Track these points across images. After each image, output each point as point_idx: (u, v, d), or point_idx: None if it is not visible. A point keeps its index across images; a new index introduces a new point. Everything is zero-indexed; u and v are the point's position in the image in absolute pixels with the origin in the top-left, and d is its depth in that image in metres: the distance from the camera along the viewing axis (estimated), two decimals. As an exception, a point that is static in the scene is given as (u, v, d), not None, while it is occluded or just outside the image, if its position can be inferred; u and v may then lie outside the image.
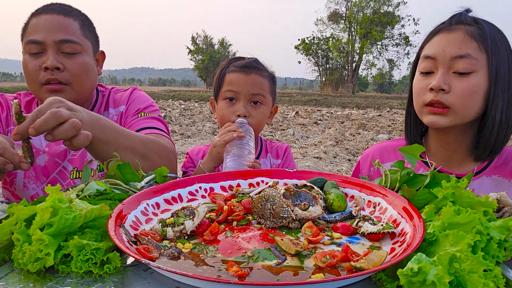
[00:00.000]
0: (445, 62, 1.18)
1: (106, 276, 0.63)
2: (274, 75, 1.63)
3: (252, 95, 1.50)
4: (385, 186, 0.91)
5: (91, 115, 1.08)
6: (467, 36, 1.17)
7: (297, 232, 0.78)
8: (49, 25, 1.38)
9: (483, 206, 0.73)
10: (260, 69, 1.54)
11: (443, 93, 1.18)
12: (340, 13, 40.86)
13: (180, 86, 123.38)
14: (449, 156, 1.30)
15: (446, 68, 1.19)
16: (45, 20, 1.39)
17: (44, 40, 1.37)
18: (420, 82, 1.24)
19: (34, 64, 1.38)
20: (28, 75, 1.40)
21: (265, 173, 1.05)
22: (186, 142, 8.15)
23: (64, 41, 1.38)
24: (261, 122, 1.55)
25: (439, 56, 1.19)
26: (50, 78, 1.38)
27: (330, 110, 16.22)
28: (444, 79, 1.18)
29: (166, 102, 17.45)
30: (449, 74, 1.18)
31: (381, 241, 0.74)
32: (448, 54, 1.18)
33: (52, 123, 0.91)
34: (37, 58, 1.38)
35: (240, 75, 1.51)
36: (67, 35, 1.39)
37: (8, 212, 0.73)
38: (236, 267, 0.61)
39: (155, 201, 0.88)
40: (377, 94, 47.69)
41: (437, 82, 1.18)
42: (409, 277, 0.54)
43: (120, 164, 1.01)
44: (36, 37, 1.37)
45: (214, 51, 49.49)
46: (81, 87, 1.45)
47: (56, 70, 1.38)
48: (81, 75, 1.43)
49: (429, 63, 1.22)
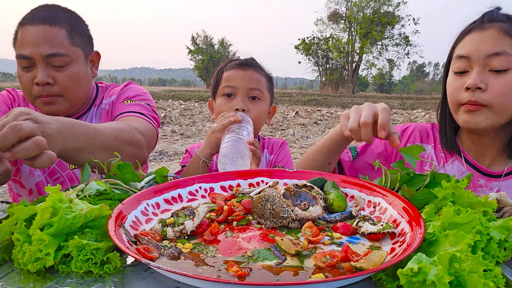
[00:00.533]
0: (480, 61, 1.16)
1: (106, 276, 0.63)
2: (272, 76, 1.65)
3: (250, 89, 1.51)
4: (385, 186, 0.91)
5: (62, 124, 0.98)
6: (501, 33, 1.14)
7: (297, 232, 0.78)
8: (35, 38, 1.37)
9: (483, 206, 0.73)
10: (257, 66, 1.56)
11: (480, 92, 1.15)
12: (340, 13, 40.85)
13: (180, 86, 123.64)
14: (482, 153, 1.29)
15: (481, 66, 1.16)
16: (31, 33, 1.37)
17: (31, 55, 1.37)
18: (455, 82, 1.22)
19: (27, 78, 1.40)
20: (23, 88, 1.43)
21: (265, 173, 1.05)
22: (186, 142, 8.15)
23: (51, 55, 1.37)
24: (260, 118, 1.54)
25: (473, 55, 1.17)
26: (43, 94, 1.40)
27: (330, 110, 16.20)
28: (480, 77, 1.15)
29: (166, 102, 17.44)
30: (484, 72, 1.16)
31: (381, 241, 0.74)
32: (483, 52, 1.15)
33: (12, 138, 0.80)
34: (28, 71, 1.40)
35: (237, 71, 1.53)
36: (54, 49, 1.37)
37: (8, 212, 0.73)
38: (236, 267, 0.61)
39: (155, 201, 0.88)
40: (377, 94, 47.70)
41: (473, 80, 1.15)
42: (409, 277, 0.54)
43: (120, 164, 1.01)
44: (24, 52, 1.37)
45: (214, 51, 49.48)
46: (73, 98, 1.46)
47: (47, 85, 1.38)
48: (72, 87, 1.43)
49: (463, 62, 1.20)
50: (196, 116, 12.60)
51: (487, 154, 1.28)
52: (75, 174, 1.55)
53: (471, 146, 1.31)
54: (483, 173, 1.29)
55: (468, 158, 1.30)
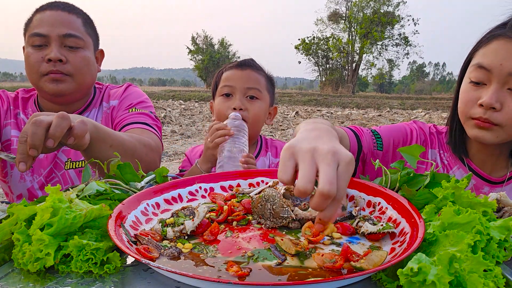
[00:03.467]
0: (502, 77, 1.05)
1: (106, 276, 0.63)
2: (272, 77, 1.64)
3: (247, 89, 1.50)
4: (385, 186, 0.91)
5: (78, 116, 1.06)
6: None
7: (297, 232, 0.78)
8: (54, 20, 1.43)
9: (483, 206, 0.73)
10: (255, 67, 1.56)
11: (493, 111, 1.07)
12: (340, 13, 40.85)
13: (180, 86, 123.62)
14: (484, 160, 1.25)
15: (501, 84, 1.06)
16: (49, 15, 1.44)
17: (48, 33, 1.41)
18: (469, 92, 1.12)
19: (37, 55, 1.42)
20: (30, 66, 1.43)
21: (265, 173, 1.05)
22: (186, 142, 8.15)
23: (67, 35, 1.43)
24: (258, 117, 1.53)
25: (495, 69, 1.06)
26: (53, 69, 1.41)
27: (330, 110, 16.21)
28: (497, 96, 1.05)
29: (166, 102, 17.44)
30: (503, 90, 1.06)
31: (381, 241, 0.74)
32: (506, 68, 1.04)
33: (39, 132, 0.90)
34: (40, 50, 1.42)
35: (235, 71, 1.54)
36: (71, 30, 1.44)
37: (8, 212, 0.73)
38: (236, 267, 0.61)
39: (155, 201, 0.88)
40: (377, 94, 47.70)
41: (488, 99, 1.05)
42: (409, 277, 0.54)
43: (120, 164, 1.01)
44: (40, 30, 1.41)
45: (214, 51, 49.49)
46: (82, 80, 1.49)
47: (59, 62, 1.42)
48: (83, 68, 1.47)
49: (482, 73, 1.09)
50: (196, 116, 12.60)
51: (488, 161, 1.25)
52: (69, 175, 1.54)
53: (475, 154, 1.26)
54: (487, 181, 1.26)
55: (472, 165, 1.27)
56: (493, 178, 1.26)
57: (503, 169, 1.26)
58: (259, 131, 1.61)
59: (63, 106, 1.51)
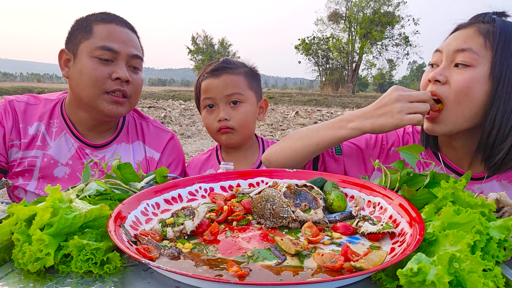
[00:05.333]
0: (449, 55, 1.16)
1: (106, 276, 0.63)
2: (253, 69, 1.58)
3: (227, 96, 1.48)
4: (385, 186, 0.91)
5: None
6: (476, 32, 1.14)
7: (297, 232, 0.78)
8: (125, 38, 1.43)
9: (482, 207, 0.73)
10: (230, 68, 1.51)
11: (439, 85, 1.15)
12: (340, 13, 40.85)
13: (180, 86, 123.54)
14: (459, 157, 1.28)
15: (448, 61, 1.16)
16: (120, 32, 1.43)
17: (120, 50, 1.39)
18: (426, 74, 1.23)
19: (103, 71, 1.37)
20: (93, 80, 1.37)
21: (265, 173, 1.05)
22: (186, 142, 8.15)
23: (135, 56, 1.43)
24: (246, 121, 1.51)
25: (445, 48, 1.18)
26: (120, 88, 1.39)
27: (330, 110, 16.21)
28: (442, 71, 1.15)
29: (166, 102, 17.44)
30: (450, 67, 1.16)
31: (381, 241, 0.74)
32: (453, 47, 1.16)
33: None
34: (106, 65, 1.38)
35: (211, 80, 1.50)
36: (137, 51, 1.45)
37: (8, 212, 0.73)
38: (236, 267, 0.61)
39: (155, 201, 0.88)
40: (377, 94, 47.67)
41: (433, 73, 1.16)
42: (408, 277, 0.54)
43: (120, 164, 1.01)
44: (112, 46, 1.38)
45: (214, 51, 49.52)
46: (134, 103, 1.49)
47: (126, 83, 1.40)
48: (139, 91, 1.48)
49: (436, 56, 1.21)
50: (196, 116, 12.60)
51: (463, 158, 1.27)
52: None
53: (448, 150, 1.30)
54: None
55: (447, 162, 1.29)
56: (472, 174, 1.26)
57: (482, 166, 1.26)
58: (251, 132, 1.58)
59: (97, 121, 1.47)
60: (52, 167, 1.45)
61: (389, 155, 1.34)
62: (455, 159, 1.29)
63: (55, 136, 1.47)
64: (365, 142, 1.36)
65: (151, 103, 15.62)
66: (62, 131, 1.47)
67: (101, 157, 1.50)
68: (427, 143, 1.32)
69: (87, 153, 1.48)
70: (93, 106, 1.41)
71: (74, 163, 1.47)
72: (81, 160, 1.47)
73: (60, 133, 1.47)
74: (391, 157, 1.34)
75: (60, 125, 1.48)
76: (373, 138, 1.37)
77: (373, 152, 1.34)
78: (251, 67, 1.58)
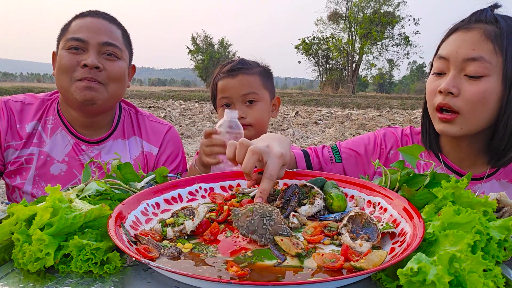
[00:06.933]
0: (457, 64, 1.12)
1: (106, 276, 0.63)
2: (267, 69, 1.63)
3: (244, 95, 1.51)
4: (385, 186, 0.91)
5: None
6: (483, 37, 1.10)
7: (297, 232, 0.78)
8: (95, 26, 1.40)
9: (482, 206, 0.73)
10: (246, 68, 1.55)
11: (452, 97, 1.12)
12: (340, 13, 40.86)
13: (180, 86, 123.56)
14: (461, 158, 1.28)
15: (457, 70, 1.13)
16: (90, 22, 1.41)
17: (87, 39, 1.37)
18: (432, 83, 1.19)
19: (71, 59, 1.36)
20: (62, 69, 1.36)
21: (265, 173, 1.05)
22: (186, 142, 8.15)
23: (107, 43, 1.39)
24: (261, 119, 1.55)
25: (452, 57, 1.14)
26: (87, 76, 1.36)
27: (330, 110, 16.21)
28: (454, 82, 1.12)
29: (166, 102, 17.45)
30: (460, 77, 1.12)
31: (381, 241, 0.74)
32: (461, 55, 1.12)
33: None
34: (75, 54, 1.37)
35: (228, 80, 1.53)
36: (110, 39, 1.41)
37: (8, 212, 0.73)
38: (236, 267, 0.61)
39: (155, 201, 0.88)
40: (377, 94, 47.73)
41: (445, 84, 1.12)
42: (409, 277, 0.54)
43: (120, 164, 1.01)
44: (79, 35, 1.37)
45: (214, 51, 49.53)
46: (114, 90, 1.44)
47: (95, 69, 1.37)
48: (116, 78, 1.43)
49: (442, 63, 1.17)
50: (196, 116, 12.60)
51: (466, 158, 1.27)
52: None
53: (450, 151, 1.30)
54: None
55: (448, 162, 1.29)
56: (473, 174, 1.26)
57: (483, 166, 1.27)
58: (265, 129, 1.63)
59: (88, 117, 1.46)
60: (48, 165, 1.45)
61: (389, 158, 1.34)
62: (456, 159, 1.29)
63: (51, 133, 1.47)
64: (364, 147, 1.36)
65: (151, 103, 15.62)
66: (58, 128, 1.47)
67: (97, 153, 1.49)
68: (429, 144, 1.31)
69: (83, 149, 1.47)
70: (68, 97, 1.40)
71: (70, 160, 1.46)
72: (77, 156, 1.47)
73: (56, 130, 1.47)
74: (390, 160, 1.34)
75: (55, 122, 1.48)
76: (372, 143, 1.37)
77: (372, 157, 1.34)
78: (265, 66, 1.63)
